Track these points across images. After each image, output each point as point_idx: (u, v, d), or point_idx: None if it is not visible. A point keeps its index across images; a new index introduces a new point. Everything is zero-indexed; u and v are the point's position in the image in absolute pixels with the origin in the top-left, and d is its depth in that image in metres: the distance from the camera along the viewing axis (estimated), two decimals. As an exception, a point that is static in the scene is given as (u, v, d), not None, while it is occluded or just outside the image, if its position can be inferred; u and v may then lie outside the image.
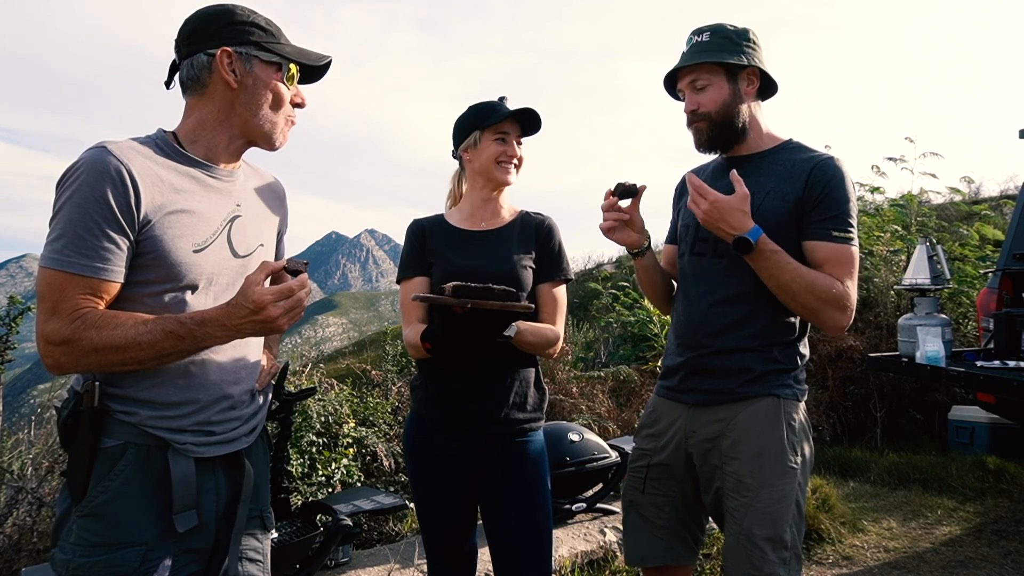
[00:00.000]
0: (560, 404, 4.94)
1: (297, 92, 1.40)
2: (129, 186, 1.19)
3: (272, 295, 1.16)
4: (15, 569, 2.67)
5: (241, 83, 1.31)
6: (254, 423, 1.41)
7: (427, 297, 1.55)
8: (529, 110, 1.81)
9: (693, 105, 1.73)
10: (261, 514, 1.43)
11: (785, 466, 1.62)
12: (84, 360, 1.16)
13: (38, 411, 4.32)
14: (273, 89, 1.34)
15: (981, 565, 3.18)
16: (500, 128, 1.81)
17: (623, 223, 1.78)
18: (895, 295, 5.83)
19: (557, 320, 1.82)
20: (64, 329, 1.14)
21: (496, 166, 1.82)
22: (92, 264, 1.17)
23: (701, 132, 1.74)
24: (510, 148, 1.81)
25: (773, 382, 1.67)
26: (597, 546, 3.04)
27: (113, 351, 1.15)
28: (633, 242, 1.80)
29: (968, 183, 10.38)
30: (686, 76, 1.74)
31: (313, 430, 3.54)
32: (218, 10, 1.33)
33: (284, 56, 1.34)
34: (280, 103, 1.35)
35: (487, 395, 1.75)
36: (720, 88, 1.70)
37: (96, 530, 1.19)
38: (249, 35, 1.31)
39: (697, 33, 1.74)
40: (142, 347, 1.16)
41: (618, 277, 9.93)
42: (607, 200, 1.76)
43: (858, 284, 1.68)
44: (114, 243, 1.18)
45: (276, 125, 1.36)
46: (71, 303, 1.16)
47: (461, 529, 1.84)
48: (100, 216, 1.17)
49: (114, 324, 1.16)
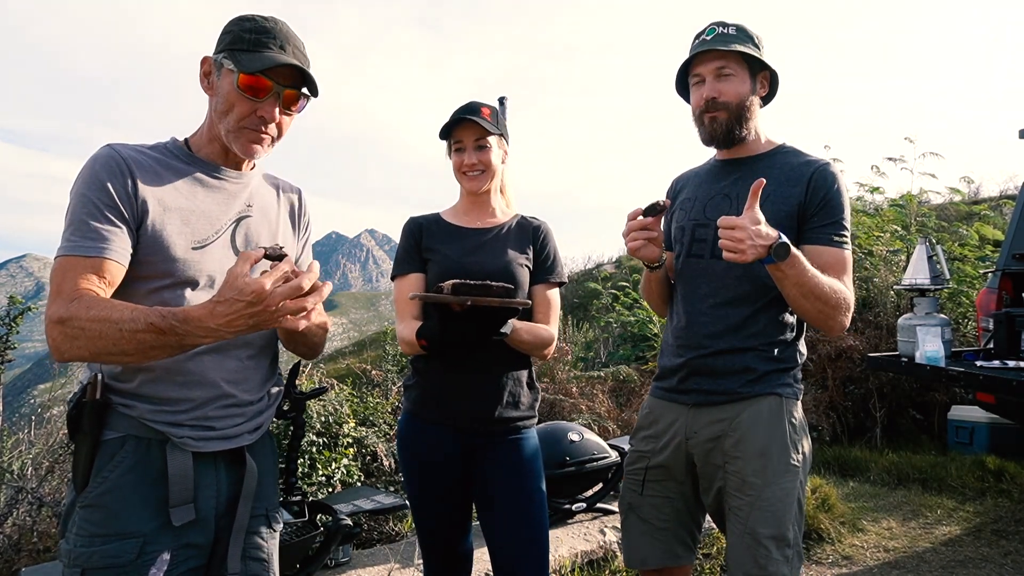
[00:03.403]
0: (560, 404, 4.94)
1: (263, 106, 1.30)
2: (126, 174, 1.24)
3: (271, 279, 1.08)
4: (15, 569, 2.67)
5: (214, 90, 1.33)
6: (259, 421, 1.40)
7: (426, 296, 1.55)
8: (464, 116, 1.77)
9: (714, 93, 1.69)
10: (267, 512, 1.42)
11: (788, 464, 1.63)
12: (76, 342, 1.13)
13: (38, 411, 4.32)
14: (228, 97, 1.30)
15: (981, 565, 3.18)
16: (455, 137, 1.82)
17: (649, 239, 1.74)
18: (895, 295, 5.83)
19: (551, 322, 1.83)
20: (62, 308, 1.14)
21: (459, 176, 1.84)
22: (94, 245, 1.19)
23: (717, 123, 1.70)
24: (466, 156, 1.81)
25: (775, 381, 1.68)
26: (597, 546, 3.05)
27: (98, 336, 1.12)
28: (655, 256, 1.76)
29: (968, 183, 10.40)
30: (713, 61, 1.69)
31: (313, 430, 3.54)
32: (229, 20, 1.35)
33: (238, 64, 1.28)
34: (230, 110, 1.30)
35: (481, 394, 1.76)
36: (744, 82, 1.69)
37: (95, 521, 1.21)
38: (224, 42, 1.32)
39: (721, 25, 1.71)
40: (124, 336, 1.11)
41: (618, 277, 9.93)
42: (635, 220, 1.69)
43: (858, 284, 1.69)
44: (114, 225, 1.21)
45: (232, 135, 1.32)
46: (72, 284, 1.17)
47: (456, 528, 1.84)
48: (100, 201, 1.21)
49: (104, 306, 1.15)
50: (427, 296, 1.55)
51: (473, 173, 1.81)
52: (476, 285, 1.50)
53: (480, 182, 1.82)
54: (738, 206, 1.71)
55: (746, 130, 1.72)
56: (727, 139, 1.73)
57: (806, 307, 1.58)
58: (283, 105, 1.34)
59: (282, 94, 1.32)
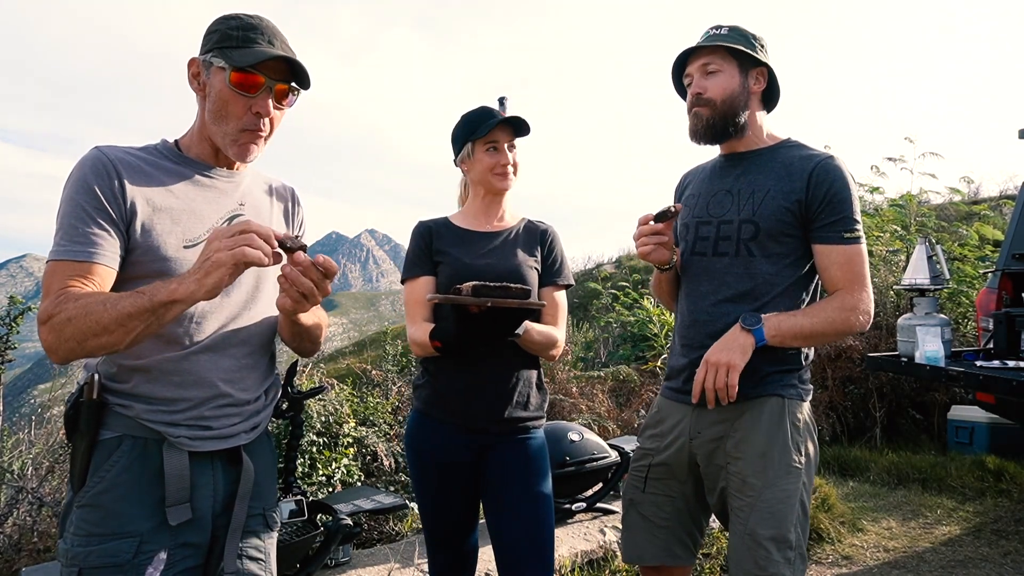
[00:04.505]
0: (560, 404, 4.94)
1: (256, 102, 1.30)
2: (113, 175, 1.24)
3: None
4: (15, 569, 2.67)
5: (205, 91, 1.32)
6: (256, 420, 1.40)
7: (446, 297, 1.55)
8: (517, 117, 1.82)
9: (699, 89, 1.72)
10: (264, 512, 1.42)
11: (789, 466, 1.62)
12: (63, 333, 1.12)
13: (38, 411, 4.32)
14: (221, 95, 1.29)
15: (980, 565, 3.18)
16: (490, 138, 1.82)
17: (659, 244, 1.76)
18: (895, 295, 5.83)
19: (559, 323, 1.85)
20: (50, 307, 1.15)
21: (492, 176, 1.84)
22: (83, 249, 1.19)
23: (700, 118, 1.73)
24: (503, 157, 1.83)
25: (778, 382, 1.68)
26: (597, 546, 3.05)
27: (83, 313, 1.12)
28: (666, 260, 1.79)
29: (967, 183, 10.41)
30: (698, 59, 1.73)
31: (313, 430, 3.54)
32: (212, 21, 1.34)
33: (228, 61, 1.28)
34: (225, 110, 1.29)
35: (492, 394, 1.77)
36: (730, 77, 1.70)
37: (92, 520, 1.21)
38: (211, 41, 1.31)
39: (716, 28, 1.74)
40: (106, 309, 1.11)
41: (618, 277, 9.93)
42: (646, 226, 1.73)
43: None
44: (103, 228, 1.21)
45: (227, 135, 1.32)
46: (60, 284, 1.17)
47: (463, 526, 1.85)
48: (88, 204, 1.21)
49: (90, 294, 1.16)
50: (447, 298, 1.55)
51: (507, 172, 1.84)
52: (495, 287, 1.52)
53: (510, 182, 1.86)
54: (739, 203, 1.72)
55: (738, 127, 1.72)
56: (709, 134, 1.74)
57: (816, 342, 1.68)
58: (275, 99, 1.33)
59: (274, 88, 1.32)
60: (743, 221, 1.69)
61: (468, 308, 1.54)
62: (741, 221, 1.70)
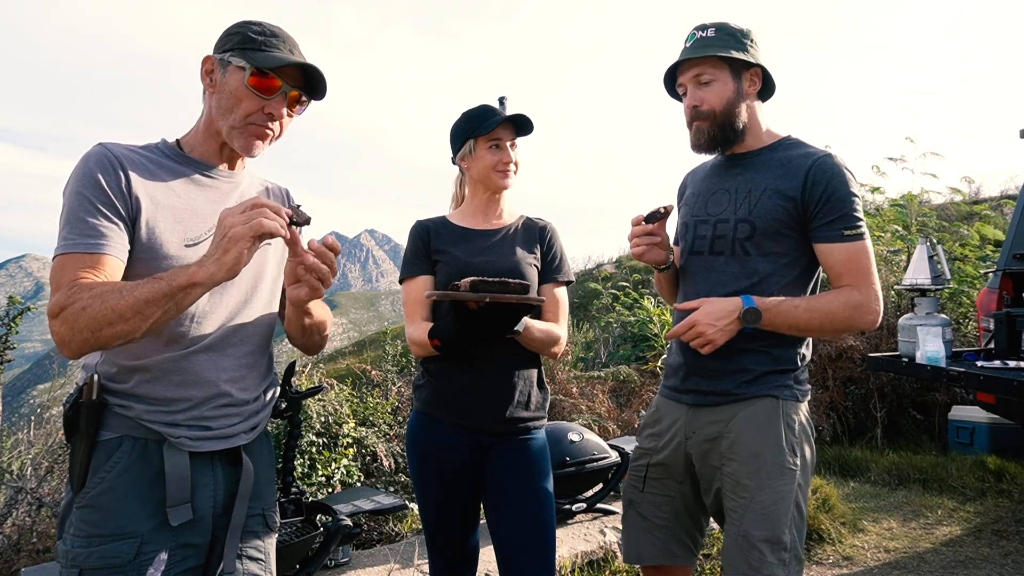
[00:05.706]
0: (560, 404, 4.94)
1: (270, 104, 1.32)
2: (119, 170, 1.24)
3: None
4: (15, 569, 2.67)
5: (217, 88, 1.33)
6: (255, 421, 1.40)
7: (444, 293, 1.55)
8: (520, 115, 1.82)
9: (696, 101, 1.70)
10: (263, 512, 1.42)
11: (783, 467, 1.61)
12: (77, 323, 1.11)
13: (38, 411, 4.32)
14: (235, 93, 1.31)
15: (981, 565, 3.18)
16: (493, 136, 1.82)
17: (653, 244, 1.77)
18: (895, 295, 5.83)
19: (560, 320, 1.85)
20: (62, 298, 1.14)
21: (493, 173, 1.84)
22: (92, 241, 1.19)
23: (702, 132, 1.72)
24: (505, 155, 1.83)
25: (772, 383, 1.67)
26: (597, 546, 3.04)
27: (99, 299, 1.11)
28: (661, 260, 1.79)
29: (968, 183, 10.40)
30: (690, 70, 1.71)
31: (313, 430, 3.54)
32: (232, 24, 1.37)
33: (250, 61, 1.30)
34: (237, 106, 1.31)
35: (493, 393, 1.77)
36: (725, 85, 1.68)
37: (92, 521, 1.21)
38: (231, 41, 1.33)
39: (700, 28, 1.71)
40: (123, 296, 1.11)
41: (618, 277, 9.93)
42: (638, 227, 1.74)
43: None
44: (111, 221, 1.21)
45: (236, 130, 1.33)
46: (71, 277, 1.17)
47: (464, 527, 1.85)
48: (95, 198, 1.21)
49: (104, 283, 1.15)
50: (445, 294, 1.55)
51: (508, 170, 1.84)
52: (494, 282, 1.52)
53: (511, 181, 1.87)
54: (736, 202, 1.71)
55: (739, 132, 1.72)
56: (714, 147, 1.74)
57: (813, 335, 1.66)
58: (288, 105, 1.36)
59: (288, 94, 1.35)
60: (739, 220, 1.69)
61: (467, 304, 1.54)
62: (737, 220, 1.69)
